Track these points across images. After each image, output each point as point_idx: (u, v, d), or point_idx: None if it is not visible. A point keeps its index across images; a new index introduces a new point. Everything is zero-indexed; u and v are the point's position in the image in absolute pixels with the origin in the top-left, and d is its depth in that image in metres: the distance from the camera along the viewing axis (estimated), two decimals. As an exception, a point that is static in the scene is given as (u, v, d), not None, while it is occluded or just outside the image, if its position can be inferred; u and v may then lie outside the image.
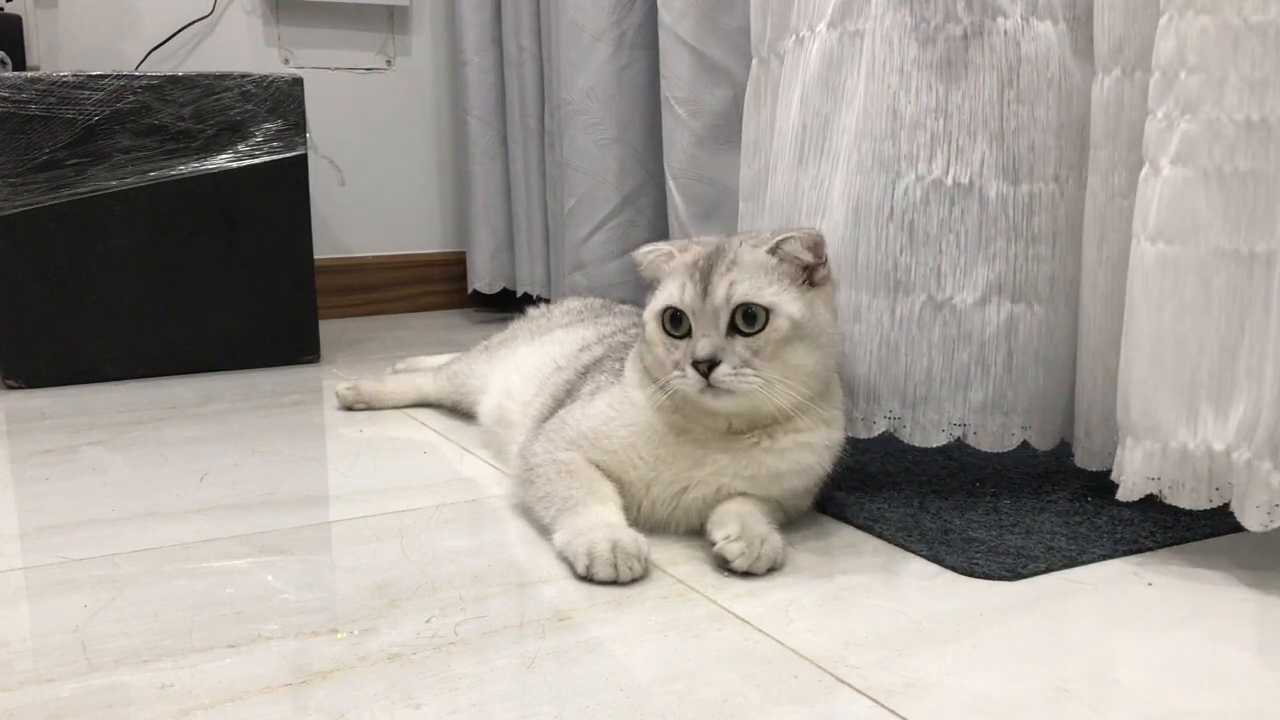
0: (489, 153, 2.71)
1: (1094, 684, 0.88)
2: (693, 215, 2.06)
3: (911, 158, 1.28)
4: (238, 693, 0.87)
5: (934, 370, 1.30)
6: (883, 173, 1.29)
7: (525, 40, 2.54)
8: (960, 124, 1.27)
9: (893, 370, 1.31)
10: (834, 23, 1.33)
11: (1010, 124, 1.26)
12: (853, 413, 1.33)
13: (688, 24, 2.01)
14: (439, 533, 1.24)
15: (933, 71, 1.27)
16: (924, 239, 1.29)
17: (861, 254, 1.31)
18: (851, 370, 1.33)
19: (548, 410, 1.34)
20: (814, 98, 1.36)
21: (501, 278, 2.77)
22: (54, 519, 1.29)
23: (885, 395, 1.32)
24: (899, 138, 1.28)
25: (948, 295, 1.29)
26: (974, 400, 1.30)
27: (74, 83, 1.96)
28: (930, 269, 1.29)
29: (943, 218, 1.28)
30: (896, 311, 1.30)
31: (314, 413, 1.86)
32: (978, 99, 1.26)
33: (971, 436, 1.31)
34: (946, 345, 1.29)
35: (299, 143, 2.13)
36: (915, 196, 1.28)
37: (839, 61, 1.34)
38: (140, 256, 2.05)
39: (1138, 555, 1.15)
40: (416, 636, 0.96)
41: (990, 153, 1.26)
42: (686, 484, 1.18)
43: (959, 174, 1.27)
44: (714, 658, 0.93)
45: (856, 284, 1.31)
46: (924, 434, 1.32)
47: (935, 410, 1.31)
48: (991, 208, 1.27)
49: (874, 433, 1.34)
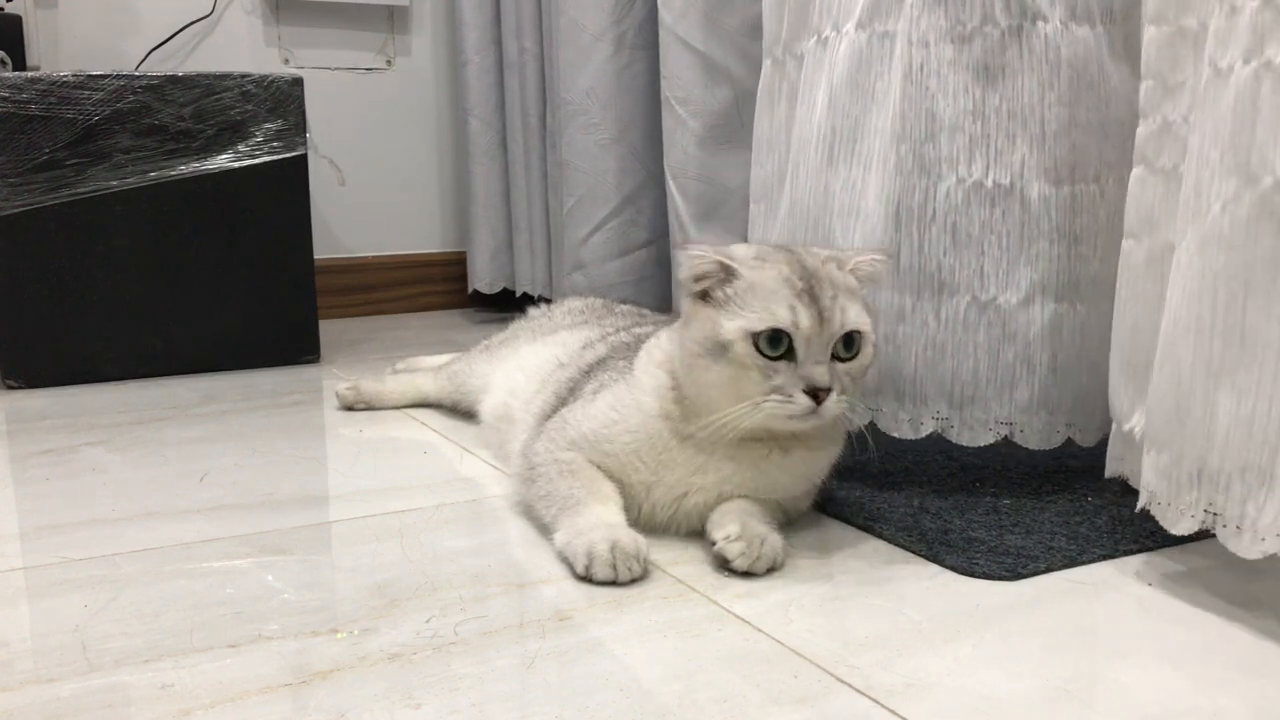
0: (489, 153, 2.71)
1: (1094, 684, 0.88)
2: (693, 215, 2.06)
3: (952, 160, 1.29)
4: (238, 693, 0.87)
5: (980, 370, 1.31)
6: (924, 175, 1.30)
7: (526, 40, 2.54)
8: (999, 126, 1.28)
9: (940, 371, 1.32)
10: (862, 23, 1.33)
11: (1051, 126, 1.27)
12: (899, 414, 1.35)
13: (688, 24, 2.01)
14: (439, 533, 1.24)
15: (969, 74, 1.28)
16: (966, 241, 1.30)
17: (904, 256, 1.32)
18: (897, 371, 1.34)
19: (550, 408, 1.34)
20: (843, 99, 1.36)
21: (501, 278, 2.77)
22: (54, 519, 1.29)
23: (933, 396, 1.33)
24: (939, 140, 1.29)
25: (991, 296, 1.30)
26: (1020, 399, 1.31)
27: (74, 83, 1.96)
28: (974, 270, 1.30)
29: (984, 219, 1.29)
30: (942, 313, 1.31)
31: (314, 413, 1.86)
32: (1016, 101, 1.27)
33: (1018, 435, 1.32)
34: (992, 345, 1.30)
35: (299, 143, 2.13)
36: (957, 199, 1.29)
37: (868, 63, 1.34)
38: (140, 256, 2.05)
39: (1138, 555, 1.15)
40: (416, 636, 0.96)
41: (1031, 155, 1.27)
42: (687, 489, 1.18)
43: (999, 176, 1.28)
44: (714, 658, 0.93)
45: (900, 287, 1.32)
46: (971, 434, 1.33)
47: (982, 410, 1.32)
48: (1034, 209, 1.28)
49: (921, 434, 1.35)
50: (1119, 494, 1.32)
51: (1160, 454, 1.05)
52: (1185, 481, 1.01)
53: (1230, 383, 0.96)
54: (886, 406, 1.36)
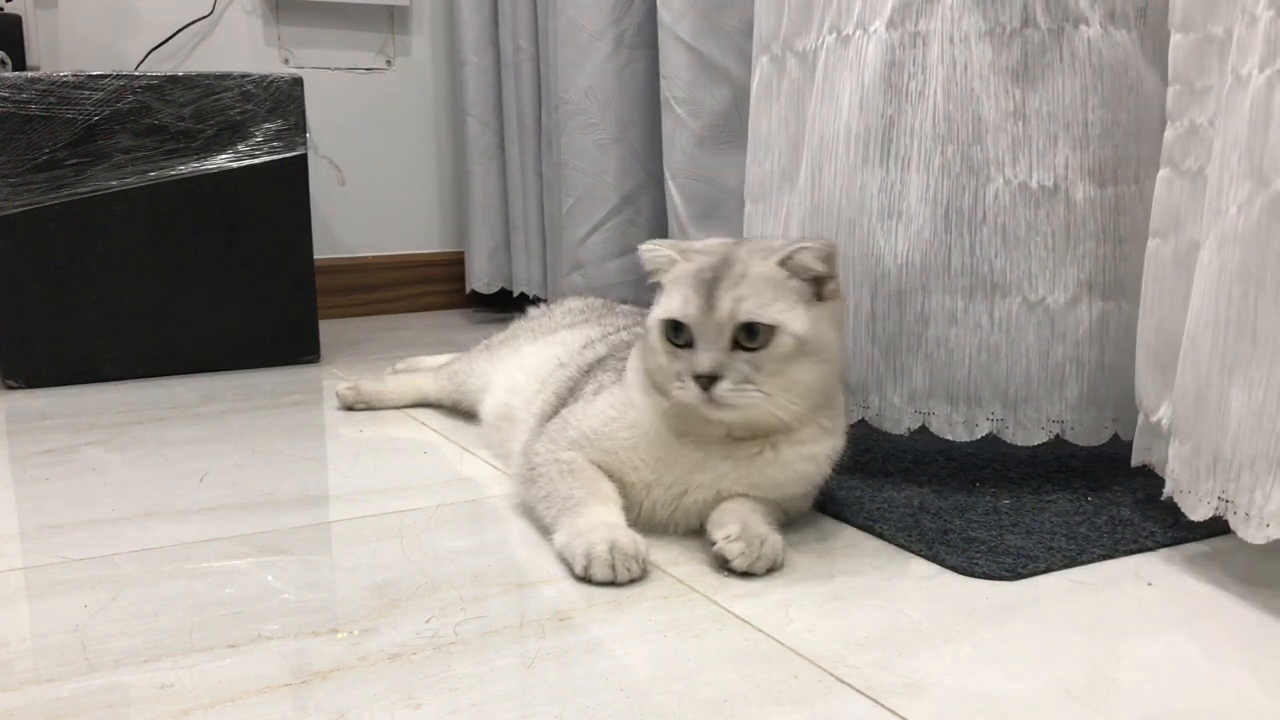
0: (487, 153, 2.71)
1: (1094, 684, 0.88)
2: (692, 215, 2.06)
3: (998, 162, 1.30)
4: (238, 693, 0.87)
5: (1032, 370, 1.33)
6: (972, 176, 1.31)
7: (522, 40, 2.54)
8: (1039, 128, 1.29)
9: (994, 372, 1.33)
10: (894, 23, 1.34)
11: (1095, 129, 1.29)
12: (952, 417, 1.36)
13: (687, 24, 2.01)
14: (439, 533, 1.24)
15: (1008, 76, 1.29)
16: (1015, 241, 1.31)
17: (955, 258, 1.32)
18: (949, 374, 1.35)
19: (550, 408, 1.34)
20: (875, 99, 1.36)
21: (499, 278, 2.77)
22: (54, 519, 1.29)
23: (987, 398, 1.34)
24: (985, 142, 1.30)
25: (1040, 296, 1.31)
26: (1070, 397, 1.33)
27: (74, 83, 1.96)
28: (1023, 271, 1.31)
29: (1030, 220, 1.31)
30: (995, 314, 1.32)
31: (314, 413, 1.86)
32: (1057, 103, 1.29)
33: (1069, 432, 1.34)
34: (1042, 345, 1.32)
35: (299, 143, 2.13)
36: (1005, 200, 1.31)
37: (900, 63, 1.34)
38: (140, 256, 2.05)
39: (1138, 555, 1.15)
40: (416, 636, 0.96)
41: (1074, 156, 1.29)
42: (687, 487, 1.18)
43: (1042, 177, 1.30)
44: (714, 658, 0.93)
45: (950, 288, 1.33)
46: (1026, 433, 1.35)
47: (1035, 409, 1.34)
48: (1079, 210, 1.30)
49: (976, 435, 1.36)
50: (1119, 494, 1.33)
51: (1183, 444, 1.10)
52: (1203, 470, 1.06)
53: (1243, 376, 1.01)
54: (939, 409, 1.37)
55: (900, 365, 1.37)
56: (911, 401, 1.38)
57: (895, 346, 1.37)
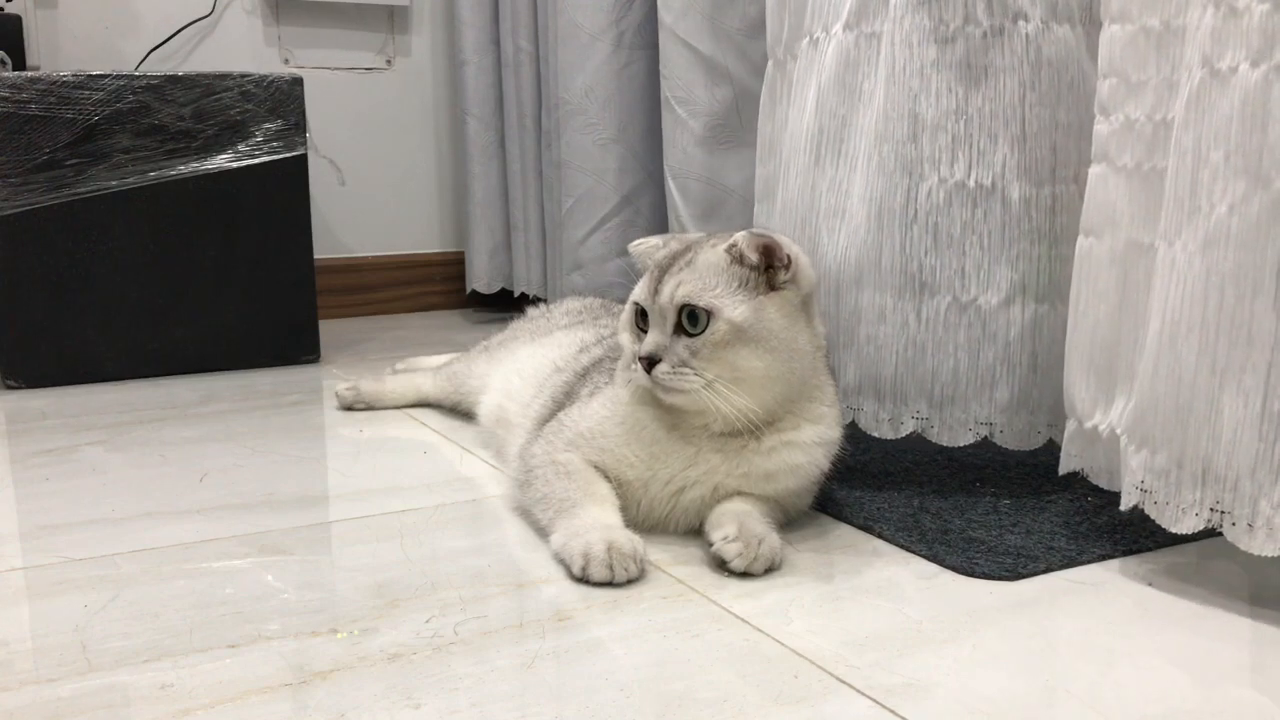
0: (487, 153, 2.71)
1: (1094, 684, 0.88)
2: (692, 215, 2.06)
3: (934, 160, 1.29)
4: (238, 693, 0.87)
5: (960, 370, 1.32)
6: (905, 175, 1.30)
7: (522, 40, 2.54)
8: (981, 126, 1.28)
9: (919, 371, 1.33)
10: (850, 24, 1.34)
11: (1032, 126, 1.28)
12: (879, 414, 1.35)
13: (687, 23, 2.01)
14: (439, 533, 1.24)
15: (952, 74, 1.28)
16: (948, 241, 1.30)
17: (885, 256, 1.32)
18: (877, 371, 1.34)
19: (547, 412, 1.34)
20: (830, 99, 1.37)
21: (499, 278, 2.77)
22: (54, 519, 1.29)
23: (913, 396, 1.34)
24: (920, 140, 1.29)
25: (972, 296, 1.30)
26: (1000, 399, 1.31)
27: (74, 83, 1.96)
28: (955, 270, 1.30)
29: (965, 219, 1.29)
30: (922, 313, 1.31)
31: (314, 413, 1.86)
32: (998, 101, 1.28)
33: (998, 435, 1.33)
34: (972, 345, 1.31)
35: (299, 143, 2.13)
36: (938, 199, 1.30)
37: (856, 63, 1.34)
38: (140, 256, 2.05)
39: (1138, 555, 1.15)
40: (416, 636, 0.96)
41: (1012, 155, 1.28)
42: (683, 483, 1.18)
43: (981, 176, 1.28)
44: (714, 658, 0.93)
45: (880, 286, 1.33)
46: (951, 433, 1.34)
47: (962, 410, 1.32)
48: (1015, 209, 1.29)
49: (901, 433, 1.35)
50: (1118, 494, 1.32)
51: (1156, 453, 1.05)
52: (1188, 480, 1.02)
53: (1236, 382, 0.97)
54: (867, 405, 1.37)
55: (837, 360, 1.38)
56: (845, 397, 1.38)
57: (834, 342, 1.38)
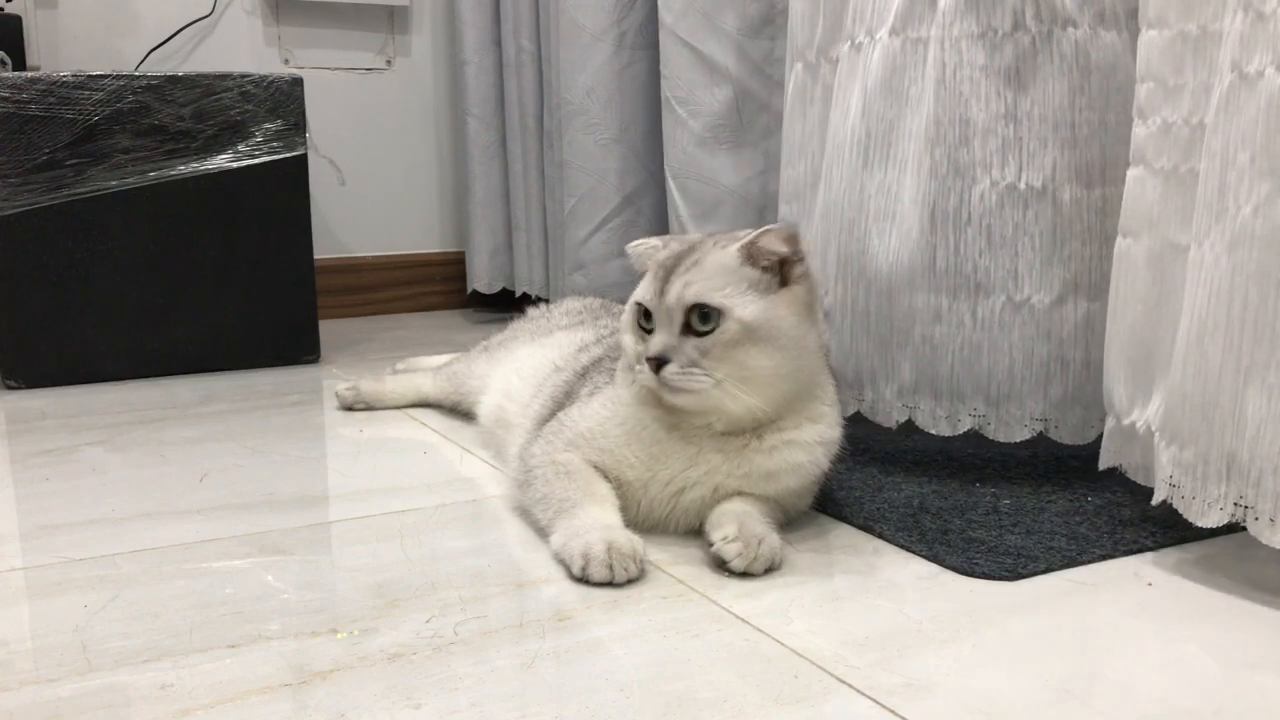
0: (488, 153, 2.71)
1: (1094, 684, 0.88)
2: (693, 215, 2.06)
3: (985, 163, 1.33)
4: (238, 693, 0.87)
5: (1015, 368, 1.35)
6: (958, 178, 1.34)
7: (524, 40, 2.54)
8: (1030, 130, 1.31)
9: (976, 369, 1.36)
10: (895, 30, 1.37)
11: (1082, 130, 1.31)
12: (936, 411, 1.39)
13: (688, 24, 2.01)
14: (439, 533, 1.24)
15: (1001, 79, 1.31)
16: (1001, 242, 1.33)
17: (940, 258, 1.35)
18: (934, 370, 1.38)
19: (546, 412, 1.34)
20: (877, 103, 1.39)
21: (500, 278, 2.77)
22: (54, 519, 1.29)
23: (970, 394, 1.37)
24: (972, 144, 1.33)
25: (1025, 296, 1.34)
26: (1054, 395, 1.35)
27: (74, 83, 1.96)
28: (1008, 270, 1.34)
29: (1017, 221, 1.33)
30: (978, 313, 1.35)
31: (314, 413, 1.86)
32: (1048, 106, 1.31)
33: (1053, 430, 1.36)
34: (1026, 343, 1.34)
35: (299, 143, 2.13)
36: (991, 201, 1.33)
37: (902, 68, 1.37)
38: (140, 256, 2.05)
39: (1138, 555, 1.15)
40: (416, 636, 0.96)
41: (1062, 158, 1.31)
42: (684, 484, 1.18)
43: (1032, 178, 1.32)
44: (714, 658, 0.93)
45: (935, 287, 1.36)
46: (1008, 430, 1.37)
47: (1018, 406, 1.36)
48: (1066, 211, 1.32)
49: (959, 430, 1.38)
50: (1119, 494, 1.33)
51: (1184, 449, 1.08)
52: (1213, 475, 1.05)
53: (1260, 379, 0.99)
54: (924, 404, 1.40)
55: (891, 360, 1.41)
56: (900, 396, 1.41)
57: (886, 342, 1.41)
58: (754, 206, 2.02)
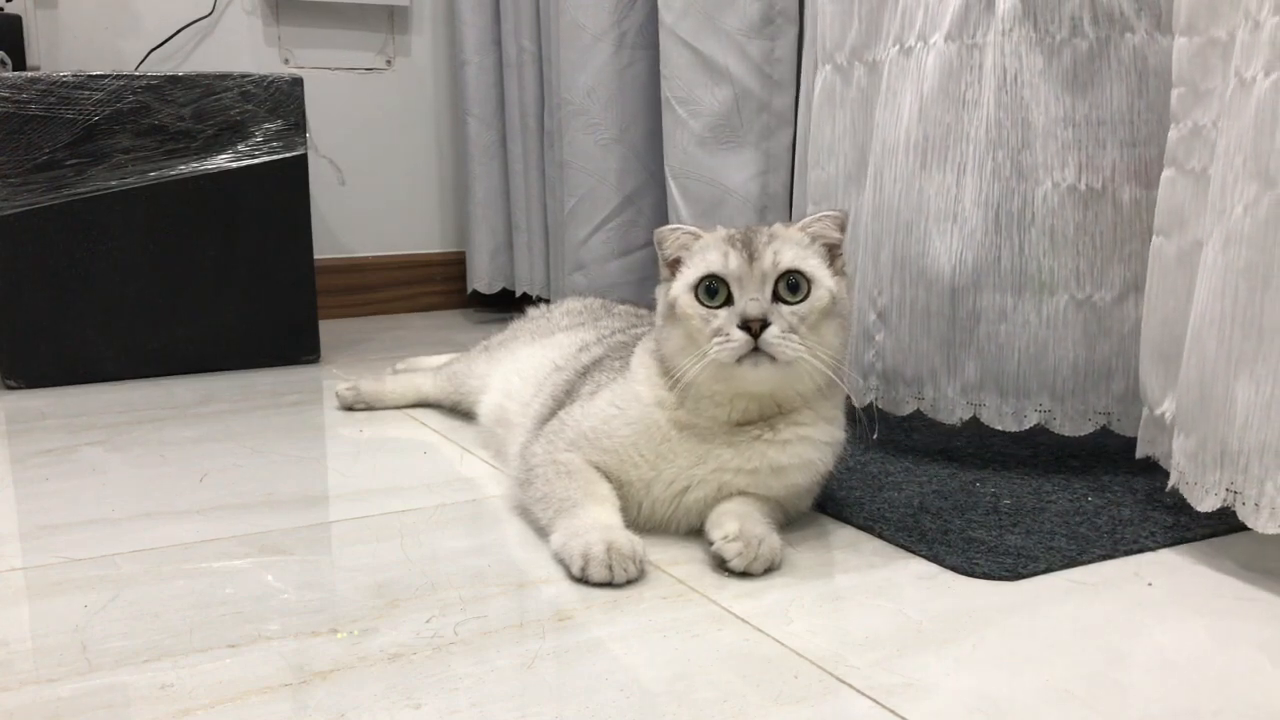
0: (488, 153, 2.71)
1: (1094, 684, 0.88)
2: (693, 215, 2.06)
3: (1046, 165, 1.36)
4: (238, 693, 0.87)
5: (1079, 364, 1.38)
6: (1020, 180, 1.36)
7: (525, 40, 2.54)
8: (1088, 133, 1.34)
9: (1041, 366, 1.39)
10: (951, 35, 1.39)
11: (1141, 132, 1.34)
12: (1001, 408, 1.42)
13: (688, 24, 2.01)
14: (439, 533, 1.24)
15: (1059, 83, 1.34)
16: (1063, 242, 1.36)
17: (1005, 258, 1.38)
18: (999, 368, 1.41)
19: (547, 411, 1.34)
20: (934, 108, 1.41)
21: (501, 278, 2.77)
22: (54, 519, 1.29)
23: (1035, 390, 1.40)
24: (1034, 147, 1.36)
25: (1088, 294, 1.37)
26: (1116, 390, 1.39)
27: (74, 83, 1.96)
28: (1070, 270, 1.37)
29: (1079, 221, 1.36)
30: (1042, 311, 1.38)
31: (314, 413, 1.86)
32: (1105, 109, 1.34)
33: (1115, 424, 1.40)
34: (1089, 340, 1.38)
35: (299, 143, 2.13)
36: (1053, 202, 1.36)
37: (958, 73, 1.39)
38: (140, 256, 2.05)
39: (1138, 555, 1.15)
40: (416, 636, 0.96)
41: (1121, 159, 1.34)
42: (688, 483, 1.18)
43: (1091, 180, 1.35)
44: (714, 658, 0.93)
45: (1000, 286, 1.39)
46: (1073, 424, 1.40)
47: (1081, 401, 1.39)
48: (1126, 211, 1.35)
49: (1024, 426, 1.42)
50: (1119, 494, 1.33)
51: (1188, 437, 1.13)
52: (1209, 462, 1.09)
53: (1249, 371, 1.04)
54: (989, 401, 1.42)
55: (954, 359, 1.43)
56: (964, 393, 1.44)
57: (949, 341, 1.43)
58: (754, 206, 2.02)
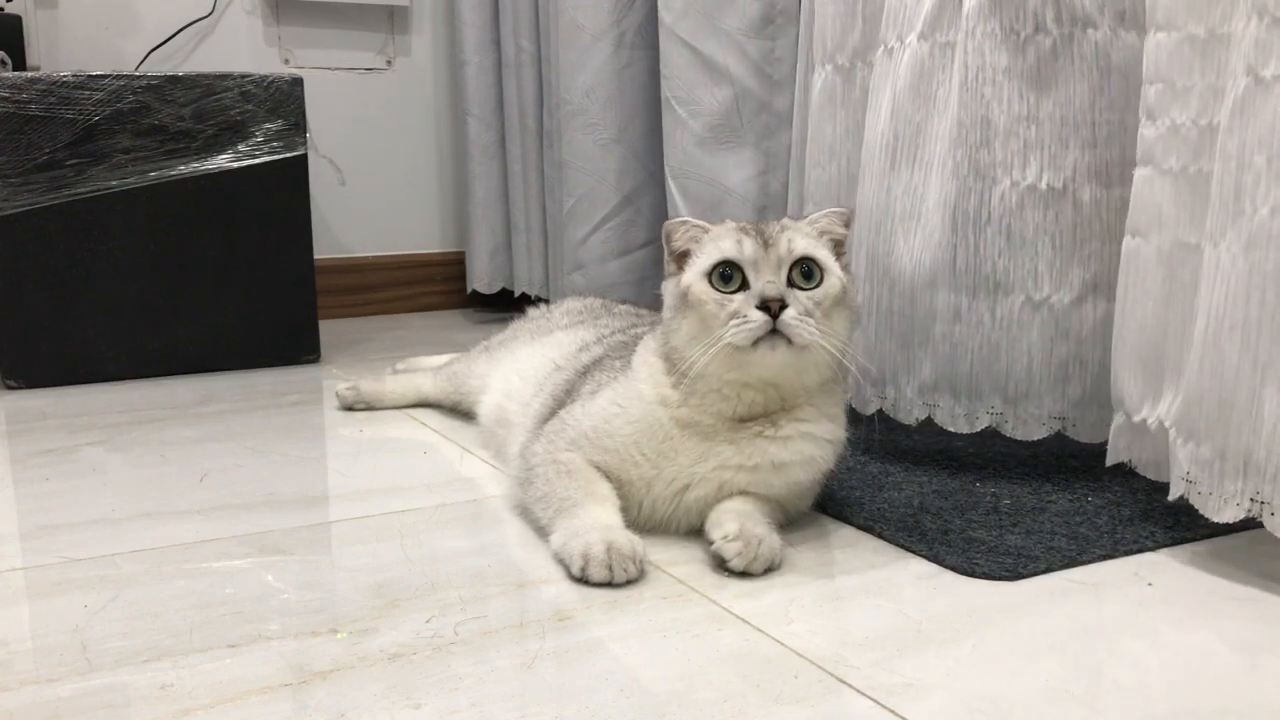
0: (488, 153, 2.71)
1: (1094, 684, 0.88)
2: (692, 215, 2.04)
3: (1006, 164, 1.34)
4: (238, 693, 0.87)
5: (1034, 367, 1.36)
6: (978, 179, 1.35)
7: (524, 40, 2.54)
8: (1052, 131, 1.32)
9: (995, 368, 1.37)
10: (924, 34, 1.38)
11: (1102, 131, 1.32)
12: (955, 409, 1.40)
13: (688, 24, 2.01)
14: (439, 533, 1.24)
15: (1023, 81, 1.32)
16: (1020, 242, 1.34)
17: (960, 258, 1.36)
18: (953, 369, 1.39)
19: (547, 411, 1.34)
20: (906, 106, 1.41)
21: (500, 278, 2.77)
22: (54, 519, 1.29)
23: (988, 392, 1.38)
24: (993, 146, 1.34)
25: (1045, 295, 1.34)
26: (1073, 395, 1.36)
27: (74, 83, 1.96)
28: (1028, 270, 1.35)
29: (1038, 221, 1.34)
30: (997, 312, 1.36)
31: (314, 413, 1.86)
32: (1069, 107, 1.32)
33: (1070, 429, 1.37)
34: (1045, 343, 1.35)
35: (299, 143, 2.13)
36: (1011, 201, 1.34)
37: (930, 71, 1.39)
38: (140, 256, 2.05)
39: (1138, 555, 1.15)
40: (416, 636, 0.96)
41: (1083, 158, 1.32)
42: (689, 481, 1.18)
43: (1052, 179, 1.33)
44: (714, 658, 0.93)
45: (955, 286, 1.37)
46: (1025, 428, 1.38)
47: (1036, 405, 1.37)
48: (1085, 211, 1.33)
49: (976, 428, 1.40)
50: (1119, 494, 1.33)
51: (1200, 446, 1.09)
52: (1230, 471, 1.06)
53: (1277, 378, 1.01)
54: (943, 402, 1.41)
55: (912, 359, 1.42)
56: (921, 394, 1.43)
57: (908, 341, 1.42)
58: (754, 206, 2.02)
